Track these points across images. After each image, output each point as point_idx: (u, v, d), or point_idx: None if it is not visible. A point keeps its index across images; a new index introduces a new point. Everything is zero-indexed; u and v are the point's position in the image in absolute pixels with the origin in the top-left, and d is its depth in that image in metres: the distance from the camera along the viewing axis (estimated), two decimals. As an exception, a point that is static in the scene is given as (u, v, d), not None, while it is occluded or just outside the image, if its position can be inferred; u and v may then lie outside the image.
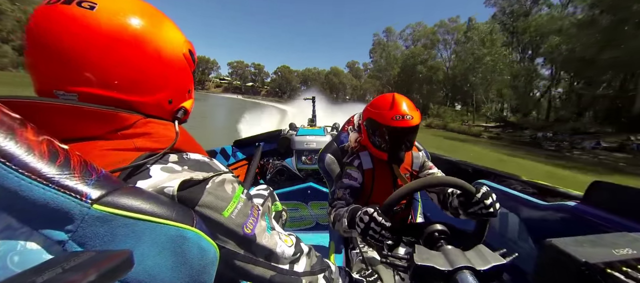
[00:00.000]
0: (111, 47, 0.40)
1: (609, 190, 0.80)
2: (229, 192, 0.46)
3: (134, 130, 0.43)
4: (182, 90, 0.53)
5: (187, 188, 0.40)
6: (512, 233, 1.11)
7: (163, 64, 0.46)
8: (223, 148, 2.38)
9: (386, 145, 1.04)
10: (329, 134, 2.73)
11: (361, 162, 1.12)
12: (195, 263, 0.36)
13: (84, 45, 0.39)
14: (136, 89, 0.44)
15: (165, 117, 0.50)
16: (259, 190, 1.03)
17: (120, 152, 0.40)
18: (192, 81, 0.56)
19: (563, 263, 0.49)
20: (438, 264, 0.54)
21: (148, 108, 0.47)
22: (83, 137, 0.40)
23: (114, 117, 0.42)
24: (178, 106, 0.53)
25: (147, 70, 0.44)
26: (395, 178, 1.10)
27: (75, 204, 0.27)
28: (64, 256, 0.23)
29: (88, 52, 0.39)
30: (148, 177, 0.39)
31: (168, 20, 0.50)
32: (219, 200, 0.43)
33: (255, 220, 0.48)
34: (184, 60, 0.51)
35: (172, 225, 0.34)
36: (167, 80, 0.48)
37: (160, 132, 0.46)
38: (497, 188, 1.19)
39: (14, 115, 0.28)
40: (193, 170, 0.43)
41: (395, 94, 1.04)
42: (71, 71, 0.40)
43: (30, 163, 0.26)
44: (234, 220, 0.44)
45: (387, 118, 0.97)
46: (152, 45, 0.44)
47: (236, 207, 0.45)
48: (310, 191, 2.04)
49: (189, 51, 0.53)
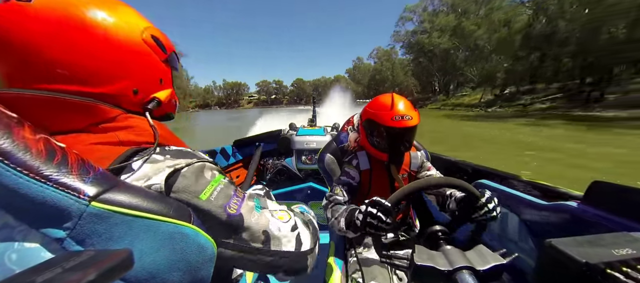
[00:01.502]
0: (54, 36, 0.38)
1: (609, 190, 0.80)
2: (208, 177, 0.43)
3: (115, 124, 0.42)
4: (148, 79, 0.49)
5: (172, 181, 0.39)
6: (512, 233, 1.11)
7: (115, 49, 0.43)
8: (223, 148, 2.38)
9: (385, 146, 1.03)
10: (328, 134, 2.73)
11: (359, 162, 1.11)
12: (193, 260, 0.36)
13: (25, 39, 0.37)
14: (91, 78, 0.41)
15: (135, 109, 0.47)
16: (254, 189, 1.03)
17: (106, 146, 0.40)
18: (163, 70, 0.52)
19: (563, 264, 0.49)
20: (438, 264, 0.54)
21: (111, 99, 0.43)
22: (66, 130, 0.39)
23: (94, 109, 0.41)
24: (148, 97, 0.49)
25: (97, 56, 0.41)
26: (392, 179, 1.10)
27: (73, 202, 0.27)
28: (63, 255, 0.23)
29: (30, 45, 0.37)
30: (131, 170, 0.38)
31: (122, 5, 0.47)
32: (195, 184, 0.41)
33: (239, 200, 0.45)
34: (144, 45, 0.47)
35: (170, 222, 0.34)
36: (125, 68, 0.45)
37: (141, 125, 0.45)
38: (497, 188, 1.19)
39: (10, 114, 0.28)
40: (174, 158, 0.42)
41: (394, 94, 1.03)
42: (20, 69, 0.38)
43: (28, 161, 0.26)
44: (214, 202, 0.41)
45: (387, 118, 0.97)
46: (98, 29, 0.41)
47: (215, 189, 0.42)
48: (310, 191, 2.04)
49: (152, 36, 0.49)
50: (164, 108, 0.54)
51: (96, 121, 0.41)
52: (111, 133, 0.41)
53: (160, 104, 0.51)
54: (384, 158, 1.06)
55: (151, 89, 0.50)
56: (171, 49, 0.55)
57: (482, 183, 1.28)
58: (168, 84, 0.54)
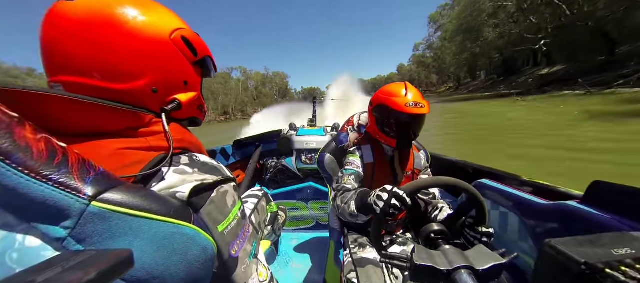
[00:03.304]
0: (84, 31, 0.40)
1: (609, 190, 0.80)
2: (229, 205, 0.47)
3: (149, 129, 0.44)
4: (171, 78, 0.48)
5: (197, 195, 0.41)
6: (511, 233, 1.11)
7: (138, 44, 0.43)
8: (223, 148, 2.38)
9: (394, 133, 1.04)
10: (328, 134, 2.73)
11: (363, 154, 1.11)
12: (194, 259, 0.36)
13: (59, 34, 0.39)
14: (110, 73, 0.42)
15: (154, 109, 0.47)
16: (253, 191, 1.03)
17: (136, 151, 0.41)
18: (190, 72, 0.51)
19: (563, 263, 0.49)
20: (437, 264, 0.54)
21: (129, 97, 0.44)
22: (95, 133, 0.40)
23: (133, 116, 0.42)
24: (168, 98, 0.48)
25: (119, 49, 0.41)
26: (395, 175, 1.10)
27: (73, 201, 0.28)
28: (64, 255, 0.23)
29: (61, 40, 0.40)
30: (162, 179, 0.40)
31: (157, 5, 0.47)
32: (218, 213, 0.44)
33: (242, 241, 0.49)
34: (172, 45, 0.47)
35: (170, 222, 0.34)
36: (145, 63, 0.44)
37: (170, 132, 0.46)
38: (497, 188, 1.19)
39: (12, 114, 0.28)
40: (203, 173, 0.44)
41: (406, 82, 1.04)
42: (51, 62, 0.41)
43: (28, 161, 0.26)
44: (225, 237, 0.45)
45: (401, 104, 0.96)
46: (127, 25, 0.42)
47: (230, 225, 0.46)
48: (310, 191, 2.04)
49: (182, 37, 0.48)
50: (185, 111, 0.52)
51: (133, 126, 0.42)
52: (143, 139, 0.42)
53: (180, 106, 0.50)
54: (392, 144, 1.06)
55: (173, 89, 0.49)
56: (205, 53, 0.54)
57: (482, 183, 1.28)
58: (194, 87, 0.53)
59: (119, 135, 0.41)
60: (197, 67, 0.53)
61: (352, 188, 1.01)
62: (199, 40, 0.53)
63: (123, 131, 0.41)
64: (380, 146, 1.14)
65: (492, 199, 1.20)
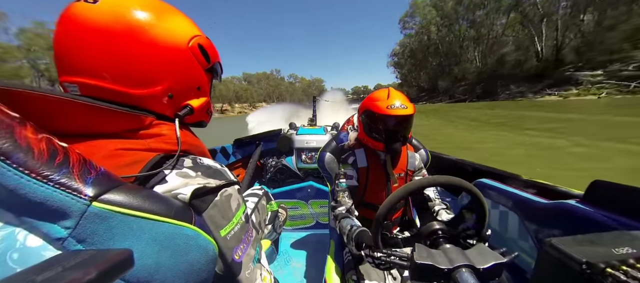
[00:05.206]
0: (104, 37, 0.40)
1: (609, 189, 0.80)
2: (233, 209, 0.47)
3: (149, 131, 0.44)
4: (186, 85, 0.50)
5: (198, 198, 0.41)
6: (512, 232, 1.11)
7: (157, 52, 0.44)
8: (223, 147, 2.38)
9: (381, 137, 1.05)
10: (328, 133, 2.73)
11: (356, 159, 1.12)
12: (195, 260, 0.36)
13: (79, 36, 0.39)
14: (129, 79, 0.42)
15: (168, 114, 0.48)
16: (253, 190, 1.03)
17: (134, 152, 0.41)
18: (203, 78, 0.53)
19: (563, 263, 0.49)
20: (438, 262, 0.54)
21: (145, 102, 0.45)
22: (97, 133, 0.40)
23: (134, 118, 0.42)
24: (182, 103, 0.50)
25: (140, 57, 0.42)
26: (388, 178, 1.11)
27: (74, 202, 0.27)
28: (64, 255, 0.23)
29: (81, 42, 0.40)
30: (164, 181, 0.40)
31: (175, 12, 0.48)
32: (221, 217, 0.44)
33: (246, 246, 0.49)
34: (189, 52, 0.48)
35: (171, 223, 0.34)
36: (164, 71, 0.45)
37: (170, 134, 0.46)
38: (497, 188, 1.20)
39: (13, 114, 0.28)
40: (206, 176, 0.44)
41: (390, 88, 1.07)
42: (68, 62, 0.41)
43: (29, 161, 0.26)
44: (228, 241, 0.45)
45: (383, 108, 0.99)
46: (147, 33, 0.42)
47: (233, 229, 0.46)
48: (310, 190, 2.04)
49: (199, 45, 0.49)
50: (196, 116, 0.54)
51: (133, 127, 0.42)
52: (143, 140, 0.42)
53: (193, 111, 0.51)
54: (380, 148, 1.07)
55: (187, 95, 0.51)
56: (216, 58, 0.56)
57: (482, 182, 1.28)
58: (205, 92, 0.55)
59: (118, 136, 0.41)
60: (208, 72, 0.55)
61: (346, 209, 1.03)
62: (212, 46, 0.54)
63: (122, 133, 0.41)
64: (373, 150, 1.14)
65: (492, 198, 1.20)
